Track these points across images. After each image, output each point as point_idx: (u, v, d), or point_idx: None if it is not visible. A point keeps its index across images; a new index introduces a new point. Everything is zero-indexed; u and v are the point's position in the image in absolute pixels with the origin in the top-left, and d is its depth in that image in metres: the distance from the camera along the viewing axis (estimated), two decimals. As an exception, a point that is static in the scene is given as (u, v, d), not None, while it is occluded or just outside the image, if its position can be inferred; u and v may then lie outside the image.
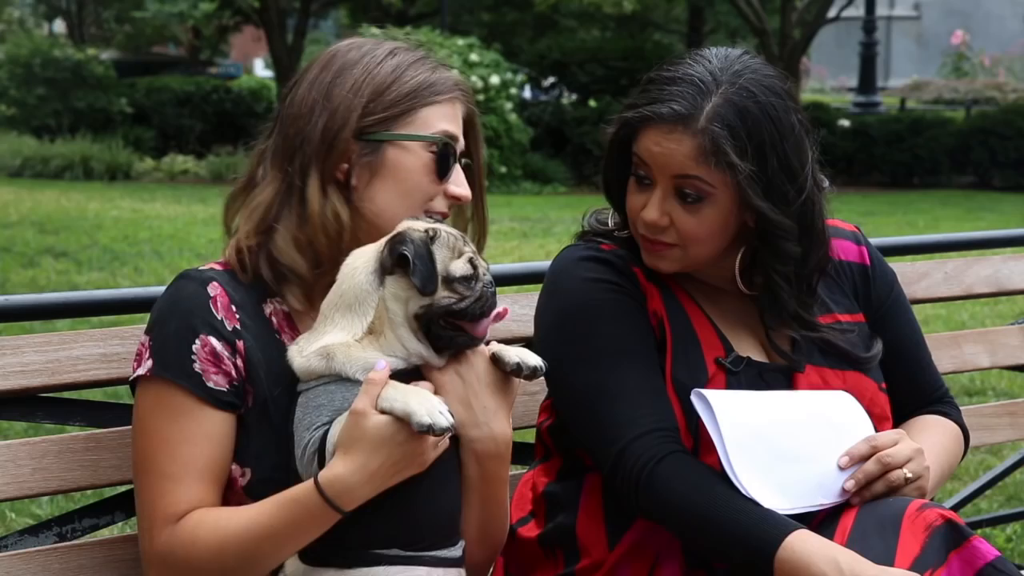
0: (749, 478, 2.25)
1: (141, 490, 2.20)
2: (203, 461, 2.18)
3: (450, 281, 2.17)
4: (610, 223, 2.53)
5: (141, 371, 2.21)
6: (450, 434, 2.12)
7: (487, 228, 2.45)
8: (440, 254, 2.18)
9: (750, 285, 2.44)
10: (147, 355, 2.21)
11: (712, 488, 2.25)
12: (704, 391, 2.30)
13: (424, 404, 2.08)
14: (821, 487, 2.31)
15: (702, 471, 2.28)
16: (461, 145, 2.35)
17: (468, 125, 2.38)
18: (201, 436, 2.18)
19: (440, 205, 2.33)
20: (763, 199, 2.31)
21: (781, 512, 2.24)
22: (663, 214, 2.35)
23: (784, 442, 2.31)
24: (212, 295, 2.23)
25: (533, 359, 2.24)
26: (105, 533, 2.54)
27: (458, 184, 2.34)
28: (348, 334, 2.17)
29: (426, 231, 2.19)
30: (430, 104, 2.30)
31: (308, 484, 2.10)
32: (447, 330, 2.18)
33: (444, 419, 2.07)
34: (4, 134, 20.39)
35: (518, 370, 2.23)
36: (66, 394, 2.44)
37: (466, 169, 2.38)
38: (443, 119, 2.31)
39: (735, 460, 2.25)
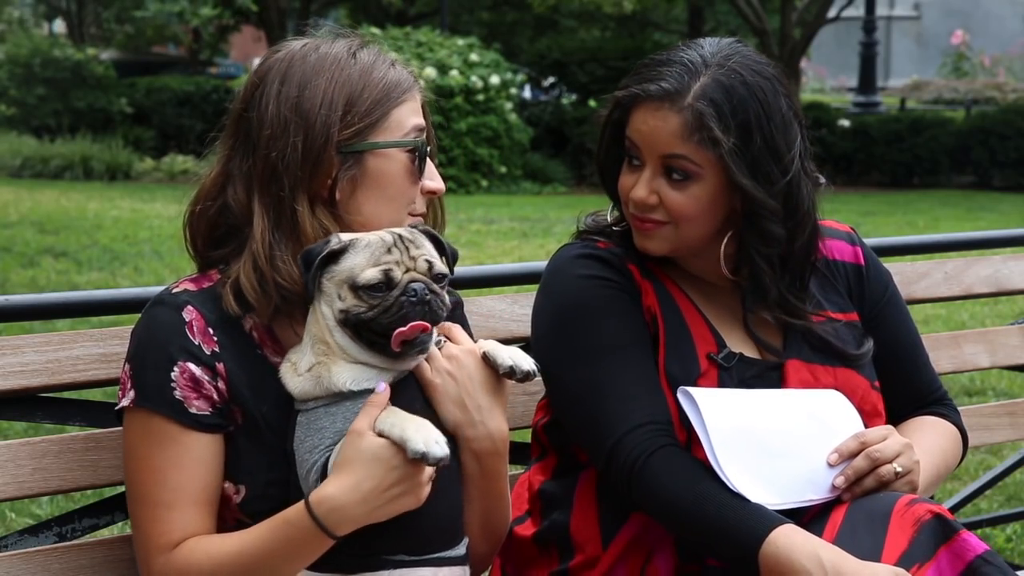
0: (737, 475, 2.26)
1: (136, 519, 2.20)
2: (194, 486, 2.17)
3: (356, 288, 2.13)
4: (608, 218, 2.55)
5: (125, 402, 2.20)
6: (444, 464, 2.09)
7: (444, 211, 2.41)
8: (352, 260, 2.14)
9: (735, 272, 2.45)
10: (129, 385, 2.19)
11: (700, 482, 2.26)
12: (690, 389, 2.32)
13: (420, 432, 2.06)
14: (811, 483, 2.32)
15: (692, 465, 2.30)
16: (426, 134, 2.32)
17: (425, 110, 2.34)
18: (190, 461, 2.17)
19: (420, 205, 2.30)
20: (747, 177, 2.33)
21: (770, 507, 2.25)
22: (651, 192, 2.38)
23: (772, 439, 2.32)
24: (187, 320, 2.20)
25: (527, 363, 2.22)
26: (105, 533, 2.55)
27: (432, 178, 2.31)
28: (315, 344, 2.17)
29: (352, 239, 2.16)
30: (399, 104, 2.26)
31: (299, 505, 2.09)
32: (376, 337, 2.14)
33: (439, 449, 2.04)
34: (4, 134, 20.38)
35: (511, 373, 2.22)
36: (66, 394, 2.44)
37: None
38: (412, 115, 2.28)
39: (722, 457, 2.26)
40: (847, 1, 22.42)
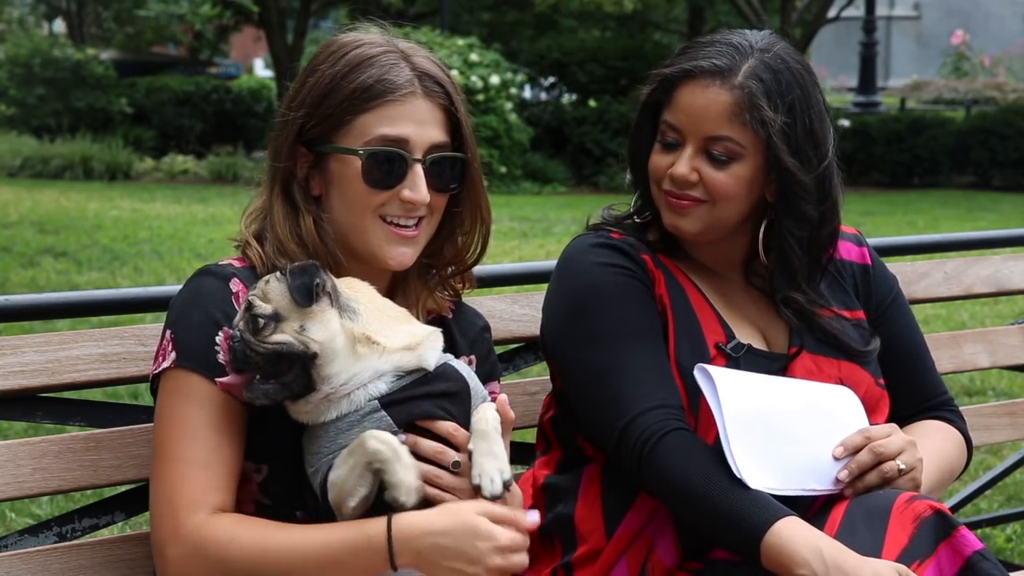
0: (743, 456, 2.28)
1: (162, 476, 2.17)
2: (228, 452, 2.17)
3: None
4: (631, 208, 2.57)
5: (166, 364, 2.19)
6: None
7: (489, 224, 2.41)
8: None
9: (766, 255, 2.48)
10: (170, 348, 2.20)
11: (710, 467, 2.28)
12: (708, 367, 2.34)
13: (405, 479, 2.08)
14: (814, 472, 2.34)
15: (703, 450, 2.31)
16: (427, 140, 2.27)
17: (450, 119, 2.32)
18: (226, 426, 2.18)
19: (395, 209, 2.28)
20: (791, 156, 2.38)
21: (772, 492, 2.27)
22: (692, 170, 2.41)
23: (781, 425, 2.34)
24: (234, 290, 2.23)
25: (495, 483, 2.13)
26: (105, 533, 2.54)
27: (412, 188, 2.27)
28: None
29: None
30: (370, 110, 2.26)
31: (380, 528, 2.07)
32: None
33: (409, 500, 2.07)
34: (4, 134, 20.36)
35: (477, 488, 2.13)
36: (66, 394, 2.44)
37: (454, 163, 2.32)
38: (384, 123, 2.25)
39: (732, 436, 2.28)
40: (847, 1, 22.42)
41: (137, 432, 2.41)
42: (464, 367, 2.25)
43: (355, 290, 2.20)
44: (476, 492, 2.11)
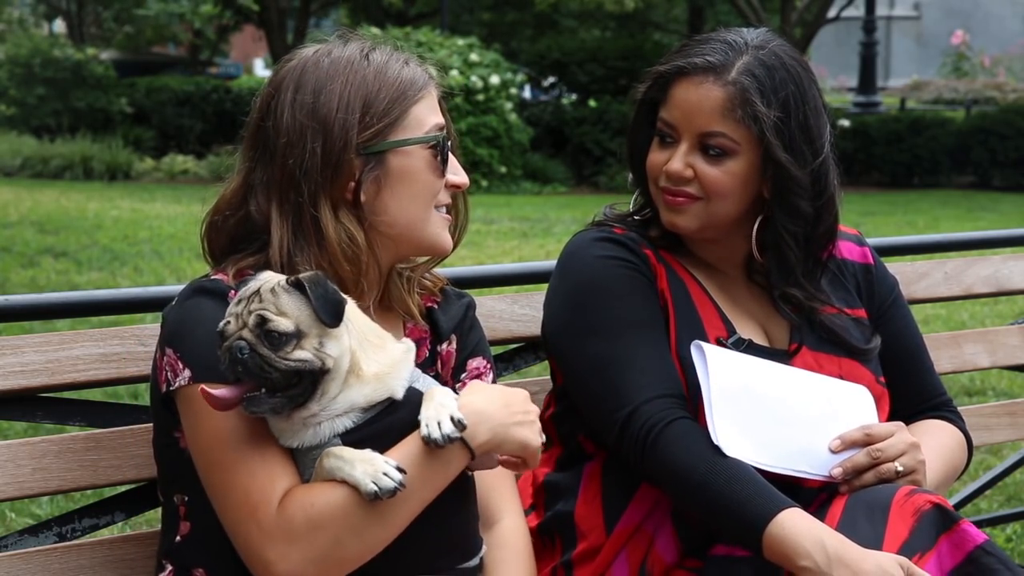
0: (724, 423, 2.29)
1: (225, 488, 2.12)
2: (269, 437, 2.13)
3: None
4: (631, 206, 2.58)
5: (181, 381, 2.14)
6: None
7: (468, 206, 2.43)
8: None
9: (762, 252, 2.48)
10: (181, 366, 2.14)
11: (713, 457, 2.29)
12: (704, 344, 2.35)
13: (367, 470, 2.05)
14: (806, 455, 2.35)
15: (706, 439, 2.32)
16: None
17: (442, 106, 2.35)
18: (262, 422, 2.13)
19: (444, 198, 2.32)
20: (784, 151, 2.38)
21: (755, 465, 2.28)
22: (687, 166, 2.42)
23: (776, 405, 2.35)
24: None
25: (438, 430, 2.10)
26: (105, 533, 2.54)
27: (455, 172, 2.33)
28: None
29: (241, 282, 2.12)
30: (417, 101, 2.26)
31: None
32: None
33: (388, 481, 2.04)
34: (4, 134, 20.37)
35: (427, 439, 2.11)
36: (66, 394, 2.44)
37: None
38: (430, 112, 2.29)
39: (716, 409, 2.29)
40: (847, 1, 22.43)
41: (137, 432, 2.41)
42: (430, 383, 2.20)
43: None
44: (425, 443, 2.08)
